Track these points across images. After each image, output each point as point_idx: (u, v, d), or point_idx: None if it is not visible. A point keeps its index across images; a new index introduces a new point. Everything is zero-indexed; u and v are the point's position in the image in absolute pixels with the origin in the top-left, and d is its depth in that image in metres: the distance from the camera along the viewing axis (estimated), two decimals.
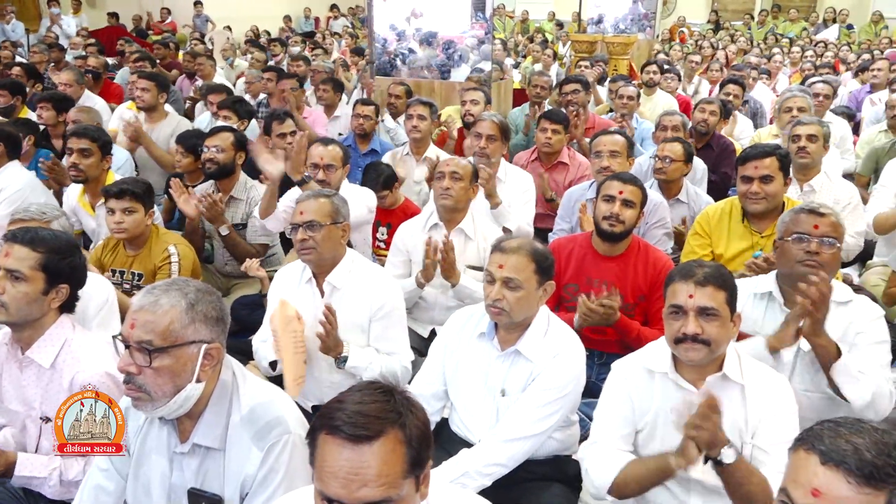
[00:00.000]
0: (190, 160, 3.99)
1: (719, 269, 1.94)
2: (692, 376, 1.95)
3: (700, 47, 11.28)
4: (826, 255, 2.24)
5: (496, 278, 2.13)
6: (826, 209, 2.33)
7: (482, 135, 3.80)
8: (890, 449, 1.19)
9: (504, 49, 10.74)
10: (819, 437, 1.24)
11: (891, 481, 1.17)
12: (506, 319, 2.15)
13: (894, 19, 13.65)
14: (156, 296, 1.65)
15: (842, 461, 1.19)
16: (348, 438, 1.24)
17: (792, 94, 4.83)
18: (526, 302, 2.14)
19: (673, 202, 3.84)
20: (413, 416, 1.30)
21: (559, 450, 2.32)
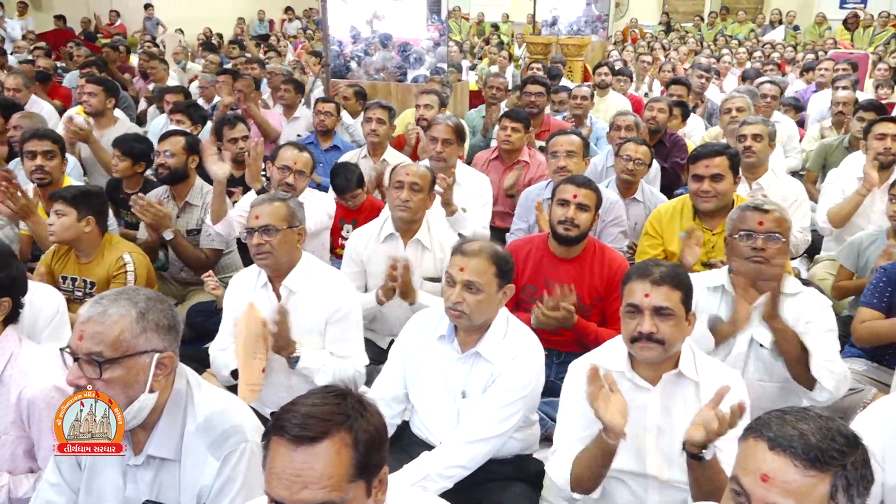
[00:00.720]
0: (127, 164, 3.84)
1: (675, 269, 1.96)
2: (648, 374, 1.97)
3: (652, 49, 11.49)
4: (772, 249, 2.31)
5: (457, 281, 2.13)
6: (770, 205, 2.39)
7: (437, 138, 3.78)
8: (834, 434, 1.22)
9: (460, 51, 10.79)
10: (767, 424, 1.27)
11: (835, 464, 1.20)
12: (465, 322, 2.15)
13: (837, 21, 14.06)
14: (104, 306, 1.61)
15: (788, 446, 1.22)
16: (292, 440, 1.24)
17: (731, 96, 4.93)
18: (486, 305, 2.14)
19: (629, 201, 3.89)
20: (364, 420, 1.29)
21: (520, 449, 2.33)
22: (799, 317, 2.32)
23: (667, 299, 1.88)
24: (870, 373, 2.85)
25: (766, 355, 2.34)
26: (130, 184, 3.91)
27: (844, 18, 13.84)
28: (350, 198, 3.85)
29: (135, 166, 3.87)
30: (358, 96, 5.70)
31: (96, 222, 3.02)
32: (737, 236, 2.36)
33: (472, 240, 2.30)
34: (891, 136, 3.83)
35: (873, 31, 12.91)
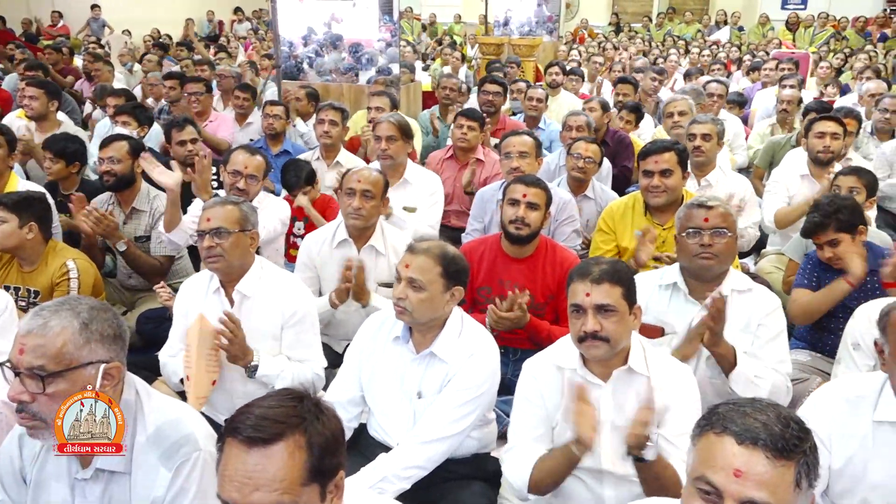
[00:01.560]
0: (60, 166, 3.73)
1: (615, 266, 1.98)
2: (599, 371, 1.99)
3: (603, 49, 11.65)
4: (719, 245, 2.35)
5: (402, 277, 2.14)
6: (714, 201, 2.43)
7: (382, 137, 3.77)
8: (790, 421, 1.24)
9: (414, 52, 10.78)
10: (727, 418, 1.26)
11: (798, 451, 1.21)
12: (408, 319, 2.15)
13: (780, 21, 14.46)
14: (45, 318, 1.56)
15: (757, 438, 1.21)
16: (245, 441, 1.23)
17: (672, 99, 5.02)
18: (429, 304, 2.13)
19: (581, 199, 3.95)
20: (320, 423, 1.28)
21: (478, 448, 2.34)
22: (750, 318, 2.37)
23: (607, 296, 1.90)
24: (813, 363, 2.94)
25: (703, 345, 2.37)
26: (66, 185, 3.80)
27: (786, 19, 14.24)
28: (301, 194, 3.82)
29: (69, 167, 3.77)
30: (310, 98, 5.64)
31: (39, 229, 2.93)
32: (684, 234, 2.39)
33: (427, 238, 2.30)
34: (829, 134, 3.95)
35: (813, 31, 13.31)
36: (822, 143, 3.95)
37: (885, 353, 1.71)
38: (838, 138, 3.98)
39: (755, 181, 4.91)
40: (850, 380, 1.91)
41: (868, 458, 1.73)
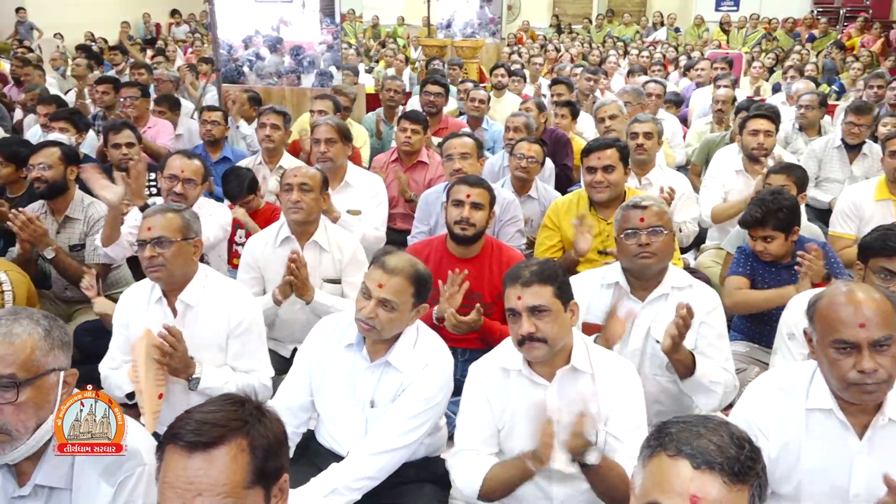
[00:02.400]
0: (10, 170, 3.61)
1: (544, 266, 1.98)
2: (543, 371, 2.01)
3: (545, 50, 11.80)
4: (656, 244, 2.38)
5: (373, 296, 2.09)
6: (648, 201, 2.47)
7: (320, 139, 3.74)
8: (743, 441, 1.20)
9: (357, 54, 10.73)
10: (679, 439, 1.20)
11: (752, 473, 1.18)
12: (374, 336, 2.14)
13: (714, 22, 14.88)
14: (6, 326, 1.53)
15: (714, 462, 1.16)
16: (186, 446, 1.21)
17: (602, 104, 5.10)
18: (398, 322, 2.13)
19: (525, 199, 3.99)
20: (262, 426, 1.27)
21: (428, 452, 2.34)
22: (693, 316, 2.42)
23: (538, 297, 1.92)
24: (751, 353, 3.04)
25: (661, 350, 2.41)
26: (14, 189, 3.68)
27: (720, 20, 14.66)
28: (243, 203, 3.76)
29: (18, 171, 3.64)
30: (252, 101, 5.56)
31: None
32: (622, 236, 2.43)
33: (394, 250, 2.26)
34: (763, 131, 4.08)
35: (746, 32, 13.73)
36: (756, 140, 4.08)
37: (814, 342, 1.76)
38: (771, 135, 4.12)
39: (693, 178, 5.05)
40: (783, 370, 1.97)
41: (802, 444, 1.79)
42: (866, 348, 1.64)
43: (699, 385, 2.33)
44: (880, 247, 2.39)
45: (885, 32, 12.23)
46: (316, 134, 3.80)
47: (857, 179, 4.61)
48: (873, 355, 1.64)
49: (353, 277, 3.03)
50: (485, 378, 2.08)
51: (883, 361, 1.64)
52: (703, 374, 2.32)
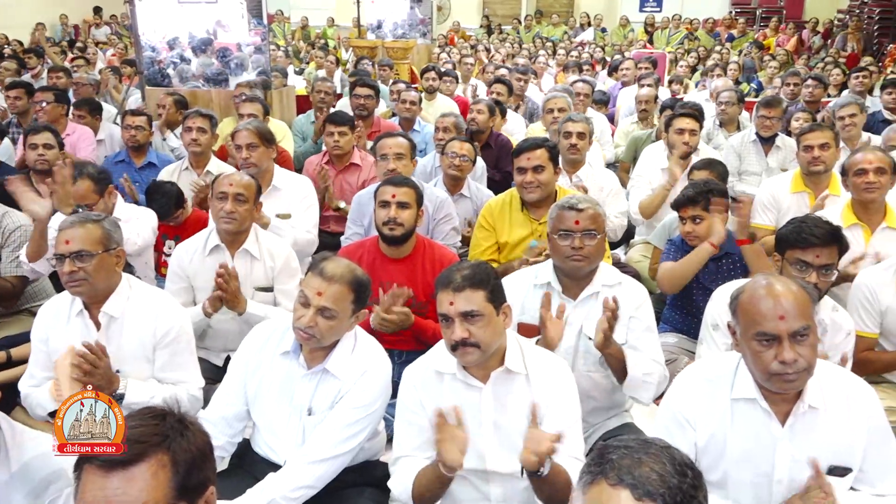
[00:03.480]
0: None
1: (475, 270, 1.97)
2: (478, 373, 2.01)
3: (475, 50, 11.89)
4: (590, 247, 2.41)
5: (311, 304, 2.06)
6: (585, 203, 2.48)
7: (242, 145, 3.67)
8: (685, 468, 1.17)
9: (286, 56, 10.58)
10: (620, 467, 1.16)
11: (694, 502, 1.16)
12: (314, 344, 2.10)
13: (639, 23, 15.27)
14: None
15: (655, 493, 1.12)
16: (103, 465, 1.18)
17: (553, 96, 5.22)
18: (337, 330, 2.11)
19: (457, 197, 4.02)
20: (184, 440, 1.24)
21: (367, 457, 2.33)
22: (622, 310, 2.43)
23: (470, 302, 1.91)
24: (680, 343, 3.14)
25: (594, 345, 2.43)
26: None
27: (644, 21, 15.07)
28: (172, 219, 3.64)
29: None
30: (178, 105, 5.40)
31: None
32: (556, 235, 2.44)
33: (332, 257, 2.22)
34: (688, 130, 4.22)
35: (669, 33, 14.14)
36: (682, 138, 4.21)
37: (738, 334, 1.82)
38: (696, 133, 4.26)
39: (622, 175, 5.16)
40: (709, 361, 2.03)
41: (728, 433, 1.84)
42: (786, 340, 1.70)
43: (636, 381, 2.38)
44: (795, 239, 2.46)
45: (798, 32, 12.79)
46: (236, 140, 3.72)
47: (773, 171, 4.84)
48: (793, 346, 1.70)
49: (286, 285, 2.99)
50: (419, 382, 2.07)
51: (802, 351, 1.70)
52: (637, 370, 2.37)
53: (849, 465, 1.81)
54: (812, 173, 3.78)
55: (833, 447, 1.80)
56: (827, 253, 2.42)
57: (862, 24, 12.29)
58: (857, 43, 11.87)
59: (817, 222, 2.47)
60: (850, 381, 1.89)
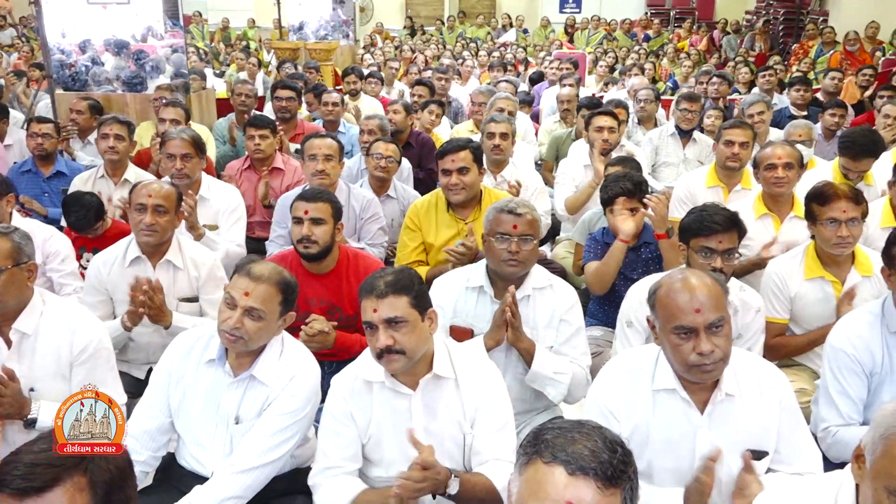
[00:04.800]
0: None
1: (398, 276, 1.96)
2: (407, 380, 2.01)
3: (400, 51, 11.87)
4: (525, 252, 2.43)
5: (238, 305, 2.02)
6: (523, 208, 2.50)
7: (175, 154, 3.55)
8: (616, 445, 1.22)
9: (205, 57, 10.33)
10: (554, 445, 1.20)
11: (625, 477, 1.19)
12: (241, 347, 2.06)
13: (560, 23, 15.56)
14: None
15: (588, 467, 1.17)
16: (15, 494, 1.13)
17: (498, 97, 5.27)
18: (265, 332, 2.07)
19: (384, 199, 4.01)
20: (102, 459, 1.20)
21: (297, 464, 2.29)
22: (553, 313, 2.50)
23: (394, 309, 1.89)
24: (605, 336, 3.21)
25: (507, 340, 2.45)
26: None
27: (565, 22, 15.36)
28: (91, 232, 3.49)
29: None
30: (93, 110, 5.18)
31: None
32: (493, 238, 2.46)
33: (258, 259, 2.18)
34: (607, 128, 4.32)
35: (588, 33, 14.45)
36: (601, 136, 4.31)
37: (657, 328, 1.88)
38: (614, 131, 4.37)
39: (546, 174, 5.27)
40: (631, 354, 2.08)
41: (650, 423, 1.90)
42: (703, 332, 1.77)
43: (541, 377, 2.43)
44: (698, 228, 2.55)
45: (709, 32, 13.29)
46: (168, 148, 3.58)
47: (690, 161, 5.06)
48: (709, 337, 1.77)
49: (212, 295, 2.89)
50: (347, 393, 2.04)
51: (718, 342, 1.78)
52: (544, 368, 2.41)
53: (765, 448, 1.89)
54: (728, 168, 3.93)
55: (750, 432, 1.88)
56: (728, 238, 2.52)
57: (769, 25, 12.87)
58: (765, 43, 12.41)
59: (716, 210, 2.57)
60: (762, 367, 1.98)
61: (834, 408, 2.29)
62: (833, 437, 2.28)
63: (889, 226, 3.16)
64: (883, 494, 1.26)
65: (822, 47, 10.38)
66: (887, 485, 1.24)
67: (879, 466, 1.27)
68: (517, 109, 5.09)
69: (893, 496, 1.23)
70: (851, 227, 2.70)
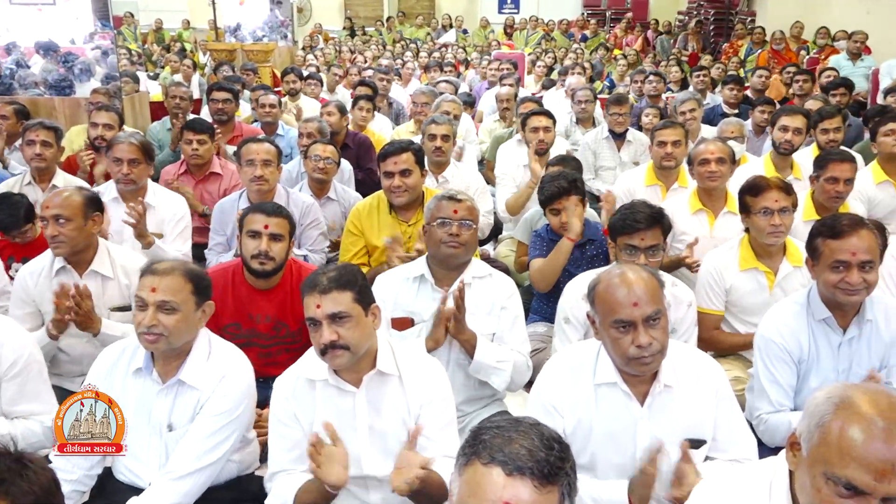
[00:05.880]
0: None
1: (341, 271, 1.95)
2: (351, 377, 2.00)
3: (339, 52, 11.78)
4: (465, 235, 2.49)
5: (149, 303, 2.00)
6: (462, 196, 2.59)
7: (122, 159, 3.44)
8: (552, 442, 1.24)
9: (138, 60, 10.05)
10: (492, 447, 1.22)
11: (562, 473, 1.22)
12: (163, 346, 2.02)
13: (499, 24, 15.68)
14: None
15: (525, 467, 1.19)
16: None
17: (443, 100, 5.29)
18: (184, 325, 2.04)
19: (324, 201, 3.99)
20: (24, 481, 1.15)
21: (240, 471, 2.25)
22: (493, 302, 2.53)
23: (337, 304, 1.89)
24: (549, 332, 3.23)
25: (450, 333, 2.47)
26: None
27: (504, 22, 15.48)
28: (19, 234, 3.35)
29: None
30: (19, 115, 4.96)
31: None
32: (434, 224, 2.50)
33: (161, 259, 2.15)
34: (542, 128, 4.37)
35: (527, 34, 14.61)
36: (537, 136, 4.36)
37: (597, 323, 1.91)
38: (550, 130, 4.43)
39: (488, 173, 5.30)
40: (572, 350, 2.11)
41: (593, 417, 1.93)
42: (641, 325, 1.81)
43: (484, 367, 2.46)
44: (622, 226, 2.63)
45: (643, 32, 13.59)
46: (115, 153, 3.47)
47: (626, 164, 5.13)
48: (647, 330, 1.81)
49: None
50: (290, 393, 2.02)
51: (655, 334, 1.82)
52: (487, 357, 2.45)
53: (703, 436, 1.93)
54: (664, 168, 4.03)
55: (688, 421, 1.92)
56: (651, 235, 2.59)
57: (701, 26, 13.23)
58: (697, 42, 12.75)
59: (640, 208, 2.64)
60: (699, 358, 2.03)
61: (765, 395, 2.37)
62: (765, 423, 2.36)
63: (811, 219, 3.29)
64: (821, 480, 1.30)
65: (751, 46, 10.73)
66: (825, 471, 1.29)
67: (817, 454, 1.31)
68: (462, 112, 5.10)
69: (832, 482, 1.28)
70: (783, 217, 2.81)
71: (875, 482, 1.24)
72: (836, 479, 1.27)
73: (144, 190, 3.58)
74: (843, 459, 1.26)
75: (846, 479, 1.26)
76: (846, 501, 1.27)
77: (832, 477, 1.28)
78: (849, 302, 2.28)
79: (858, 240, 2.21)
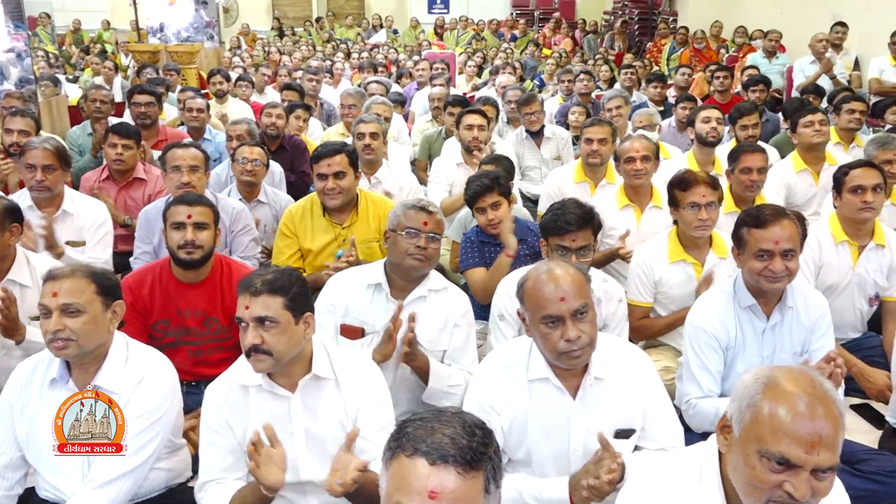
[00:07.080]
0: None
1: (278, 275, 1.93)
2: (285, 382, 1.97)
3: (268, 53, 11.59)
4: (431, 249, 2.46)
5: (52, 308, 1.94)
6: (434, 208, 2.55)
7: (36, 165, 3.30)
8: (475, 429, 1.27)
9: (55, 62, 9.67)
10: (416, 438, 1.24)
11: (485, 458, 1.24)
12: (74, 351, 1.95)
13: (429, 24, 15.70)
14: None
15: (448, 455, 1.21)
16: None
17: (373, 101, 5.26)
18: (93, 327, 1.98)
19: (255, 204, 3.92)
20: None
21: (169, 479, 2.20)
22: (447, 317, 2.51)
23: (266, 308, 1.87)
24: (484, 330, 3.21)
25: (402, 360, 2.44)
26: None
27: (435, 22, 15.52)
28: None
29: None
30: None
31: None
32: (402, 233, 2.44)
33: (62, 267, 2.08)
34: (476, 126, 4.40)
35: (457, 34, 14.68)
36: (471, 134, 4.39)
37: (527, 320, 1.94)
38: (484, 129, 4.46)
39: (420, 173, 5.30)
40: (505, 348, 2.13)
41: (528, 413, 1.96)
42: (569, 319, 1.84)
43: (437, 393, 2.45)
44: (553, 227, 2.64)
45: (571, 32, 13.84)
46: (29, 159, 3.32)
47: (548, 161, 5.23)
48: (575, 324, 1.84)
49: None
50: (222, 400, 1.98)
51: (584, 328, 1.85)
52: (440, 383, 2.43)
53: (633, 426, 1.99)
54: (591, 165, 4.11)
55: (619, 412, 1.97)
56: (582, 236, 2.61)
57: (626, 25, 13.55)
58: (623, 42, 13.07)
59: (571, 208, 2.65)
60: (627, 350, 2.08)
61: (695, 382, 2.45)
62: (694, 408, 2.44)
63: (731, 211, 3.41)
64: (755, 458, 1.34)
65: (674, 45, 11.05)
66: (759, 449, 1.34)
67: (749, 433, 1.36)
68: (392, 113, 5.09)
69: (765, 458, 1.33)
70: (710, 211, 2.91)
71: (806, 455, 1.30)
72: (769, 455, 1.32)
73: (61, 197, 3.43)
74: (776, 436, 1.32)
75: (779, 454, 1.31)
76: (779, 476, 1.32)
77: (766, 453, 1.33)
78: (772, 289, 2.37)
79: (781, 229, 2.30)
